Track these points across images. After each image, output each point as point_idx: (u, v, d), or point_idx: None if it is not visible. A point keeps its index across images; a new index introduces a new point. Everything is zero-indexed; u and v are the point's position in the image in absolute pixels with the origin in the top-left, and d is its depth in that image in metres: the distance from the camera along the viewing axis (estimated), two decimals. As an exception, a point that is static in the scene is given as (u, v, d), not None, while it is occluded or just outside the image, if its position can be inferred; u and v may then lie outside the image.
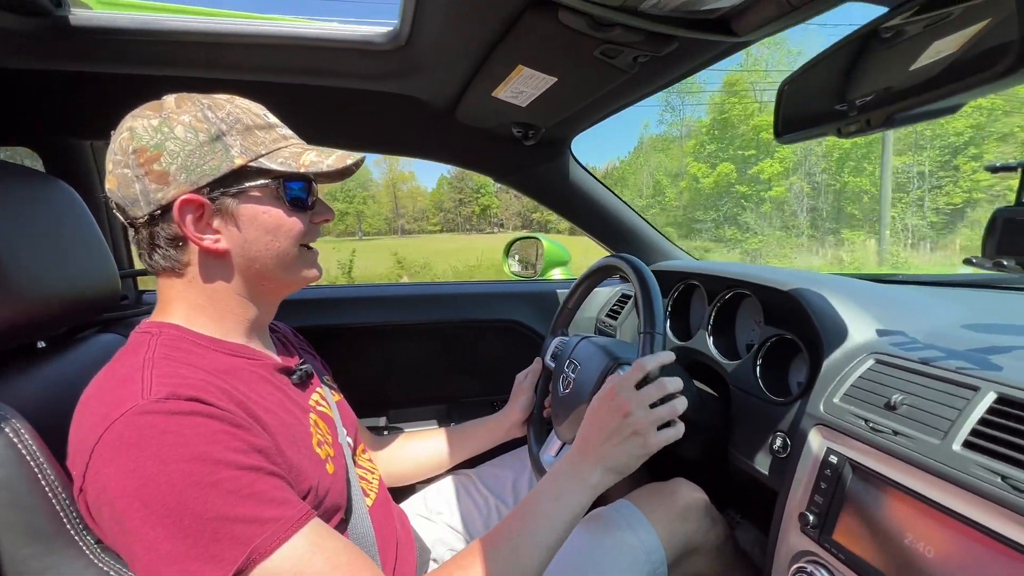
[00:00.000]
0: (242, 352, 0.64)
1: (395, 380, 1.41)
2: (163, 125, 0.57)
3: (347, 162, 0.63)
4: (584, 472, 0.65)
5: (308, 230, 0.66)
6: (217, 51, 0.89)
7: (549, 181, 1.32)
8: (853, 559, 0.62)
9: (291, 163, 0.61)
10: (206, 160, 0.57)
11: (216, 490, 0.47)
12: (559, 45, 0.70)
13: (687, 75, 0.89)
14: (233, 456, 0.49)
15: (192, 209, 0.58)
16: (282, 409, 0.62)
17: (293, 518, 0.50)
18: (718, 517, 0.92)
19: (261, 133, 0.61)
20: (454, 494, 1.03)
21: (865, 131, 0.52)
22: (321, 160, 0.62)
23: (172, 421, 0.48)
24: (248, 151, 0.59)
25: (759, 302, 0.94)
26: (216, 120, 0.58)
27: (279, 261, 0.64)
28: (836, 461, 0.67)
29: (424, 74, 0.93)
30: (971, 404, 0.57)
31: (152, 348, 0.56)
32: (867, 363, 0.71)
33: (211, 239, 0.60)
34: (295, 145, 0.64)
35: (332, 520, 0.63)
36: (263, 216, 0.61)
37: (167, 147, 0.56)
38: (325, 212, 0.68)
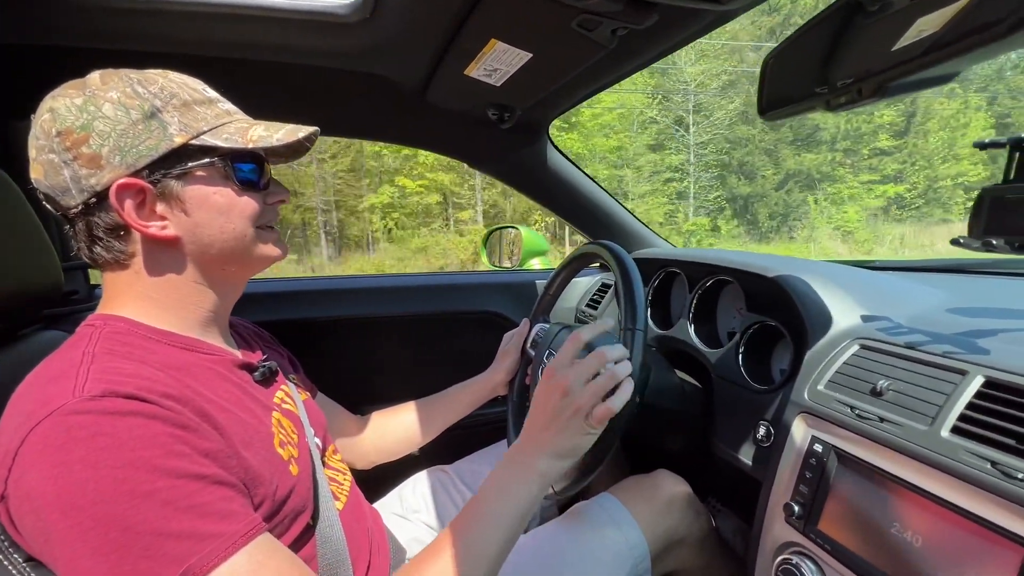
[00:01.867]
0: (198, 347, 0.59)
1: (370, 375, 1.36)
2: (88, 103, 0.51)
3: (298, 135, 0.58)
4: (528, 461, 0.60)
5: (263, 210, 0.61)
6: (160, 22, 0.81)
7: (527, 167, 1.28)
8: (840, 549, 0.60)
9: (237, 139, 0.55)
10: (141, 139, 0.52)
11: (150, 501, 0.42)
12: (534, 16, 0.66)
13: (668, 52, 0.86)
14: (174, 462, 0.44)
15: (131, 194, 0.52)
16: (240, 407, 0.57)
17: (236, 534, 0.45)
18: (701, 509, 0.91)
19: (201, 108, 0.56)
20: (430, 491, 0.99)
21: (856, 102, 0.49)
22: (269, 135, 0.57)
23: (106, 421, 0.43)
24: (188, 128, 0.54)
25: (741, 289, 0.93)
26: (148, 95, 0.53)
27: (237, 243, 0.59)
28: (821, 449, 0.65)
29: (391, 50, 0.88)
30: (959, 389, 0.55)
31: (93, 342, 0.51)
32: (852, 349, 0.69)
33: (157, 226, 0.54)
34: (240, 120, 0.59)
35: (297, 523, 0.59)
36: (213, 197, 0.56)
37: (95, 127, 0.51)
38: (280, 192, 0.63)
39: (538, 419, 0.62)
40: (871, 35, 0.55)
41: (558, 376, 0.61)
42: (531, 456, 0.61)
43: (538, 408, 0.63)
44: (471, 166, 1.30)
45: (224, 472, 0.48)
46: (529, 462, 0.60)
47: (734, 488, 1.02)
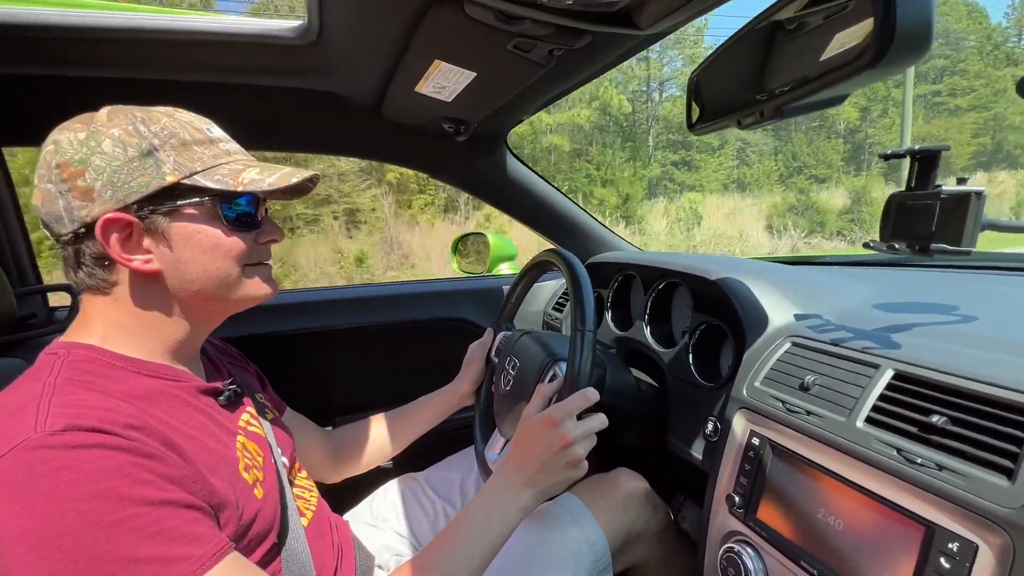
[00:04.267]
0: (162, 373, 0.60)
1: (339, 387, 1.37)
2: (90, 139, 0.53)
3: (291, 180, 0.59)
4: (516, 495, 0.66)
5: (252, 250, 0.62)
6: (112, 48, 0.82)
7: (486, 176, 1.30)
8: (775, 536, 0.64)
9: (228, 181, 0.57)
10: (134, 176, 0.54)
11: (118, 529, 0.43)
12: (471, 39, 0.69)
13: (610, 67, 0.89)
14: (140, 490, 0.45)
15: (118, 228, 0.54)
16: (204, 433, 0.58)
17: (205, 555, 0.47)
18: (659, 504, 0.94)
19: (200, 148, 0.57)
20: (400, 499, 1.01)
21: (760, 122, 0.53)
22: (262, 178, 0.58)
23: (69, 456, 0.44)
24: (182, 167, 0.55)
25: (689, 291, 0.97)
26: (149, 134, 0.55)
27: (220, 283, 0.60)
28: (758, 443, 0.69)
29: (341, 70, 0.89)
30: (872, 381, 0.60)
31: (55, 372, 0.52)
32: (784, 346, 0.74)
33: (140, 259, 0.56)
34: (238, 161, 0.60)
35: (264, 544, 0.60)
36: (198, 236, 0.58)
37: (92, 162, 0.53)
38: (272, 232, 0.64)
39: (530, 460, 0.68)
40: (794, 51, 0.59)
41: (563, 428, 0.67)
42: (521, 492, 0.67)
43: (532, 450, 0.68)
44: (431, 177, 1.32)
45: (190, 496, 0.49)
46: (517, 497, 0.67)
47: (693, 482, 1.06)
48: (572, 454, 0.67)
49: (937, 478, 0.49)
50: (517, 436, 0.71)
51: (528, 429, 0.70)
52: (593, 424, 0.69)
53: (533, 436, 0.68)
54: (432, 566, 0.61)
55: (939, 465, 0.49)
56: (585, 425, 0.68)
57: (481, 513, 0.66)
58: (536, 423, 0.69)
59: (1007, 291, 0.88)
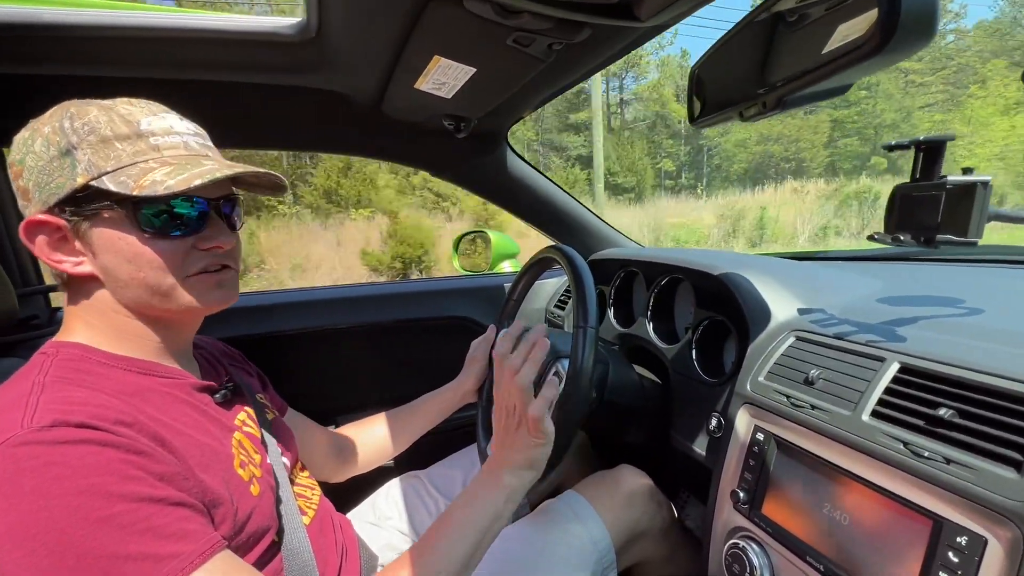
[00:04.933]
0: (155, 370, 0.59)
1: (341, 387, 1.37)
2: (30, 138, 0.53)
3: (194, 183, 0.51)
4: (495, 476, 0.66)
5: (186, 259, 0.56)
6: (112, 47, 0.82)
7: (487, 174, 1.30)
8: (780, 532, 0.63)
9: (129, 183, 0.51)
10: (53, 177, 0.52)
11: (107, 526, 0.43)
12: (470, 34, 0.68)
13: (610, 61, 0.89)
14: (130, 487, 0.45)
15: (47, 231, 0.53)
16: (197, 430, 0.58)
17: (195, 553, 0.46)
18: (663, 501, 0.94)
19: (121, 144, 0.52)
20: (402, 498, 1.01)
21: (763, 114, 0.53)
22: (163, 180, 0.51)
23: (57, 452, 0.43)
24: (92, 168, 0.51)
25: (691, 287, 0.96)
26: (70, 131, 0.52)
27: (153, 292, 0.56)
28: (762, 438, 0.68)
29: (341, 67, 0.89)
30: (878, 375, 0.59)
31: (45, 371, 0.51)
32: (788, 341, 0.73)
33: (71, 262, 0.54)
34: (157, 160, 0.54)
35: (262, 542, 0.60)
36: (118, 243, 0.53)
37: (27, 162, 0.52)
38: (214, 237, 0.58)
39: (497, 439, 0.68)
40: (796, 43, 0.59)
41: (503, 395, 0.66)
42: (496, 471, 0.66)
43: (496, 428, 0.68)
44: (432, 174, 1.31)
45: (181, 493, 0.49)
46: (495, 475, 0.66)
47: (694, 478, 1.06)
48: (524, 419, 0.63)
49: (944, 471, 0.48)
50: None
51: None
52: (522, 380, 0.64)
53: (495, 425, 0.69)
54: (424, 558, 0.59)
55: (946, 458, 0.49)
56: (518, 383, 0.64)
57: (465, 498, 0.65)
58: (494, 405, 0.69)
59: (1013, 284, 0.87)
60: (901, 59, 0.40)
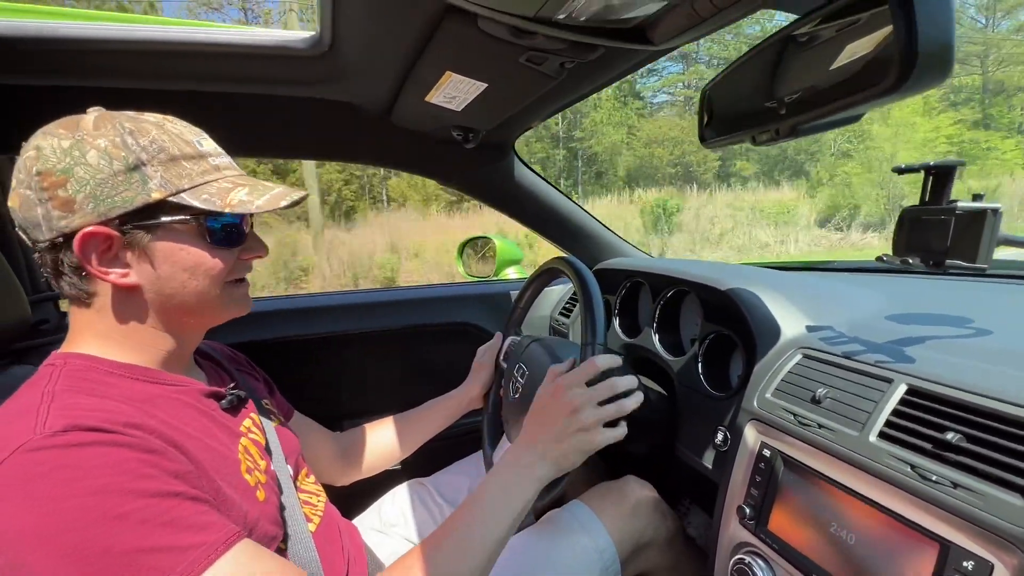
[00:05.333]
0: (162, 379, 0.60)
1: (346, 392, 1.38)
2: (74, 148, 0.52)
3: (281, 204, 0.58)
4: (529, 464, 0.65)
5: (234, 268, 0.62)
6: (130, 59, 0.83)
7: (494, 183, 1.30)
8: (786, 549, 0.64)
9: (216, 201, 0.56)
10: (119, 191, 0.52)
11: (125, 522, 0.43)
12: (483, 52, 0.69)
13: (620, 77, 0.89)
14: (144, 484, 0.45)
15: (98, 242, 0.53)
16: (207, 435, 0.59)
17: (218, 542, 0.47)
18: (668, 512, 0.94)
19: (188, 164, 0.56)
20: (409, 505, 1.02)
21: (775, 140, 0.53)
22: (251, 200, 0.57)
23: (69, 455, 0.44)
24: (169, 184, 0.54)
25: (698, 299, 0.97)
26: (137, 148, 0.53)
27: (199, 299, 0.60)
28: (769, 455, 0.69)
29: (353, 80, 0.90)
30: (885, 396, 0.60)
31: (54, 380, 0.52)
32: (795, 358, 0.73)
33: (118, 273, 0.55)
34: (227, 179, 0.59)
35: (269, 547, 0.61)
36: (180, 254, 0.57)
37: (76, 173, 0.52)
38: (257, 248, 0.64)
39: (540, 429, 0.67)
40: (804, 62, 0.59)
41: (570, 394, 0.66)
42: (533, 461, 0.66)
43: (541, 418, 0.68)
44: (439, 183, 1.32)
45: (195, 490, 0.50)
46: (531, 465, 0.65)
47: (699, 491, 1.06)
48: (580, 420, 0.65)
49: (952, 495, 0.49)
50: (530, 413, 0.70)
51: (538, 402, 0.70)
52: (600, 391, 0.67)
53: (543, 407, 0.68)
54: (452, 540, 0.60)
55: (953, 483, 0.49)
56: (593, 391, 0.66)
57: (496, 488, 0.64)
58: (545, 394, 0.69)
59: (1021, 301, 0.87)
60: (916, 94, 0.41)
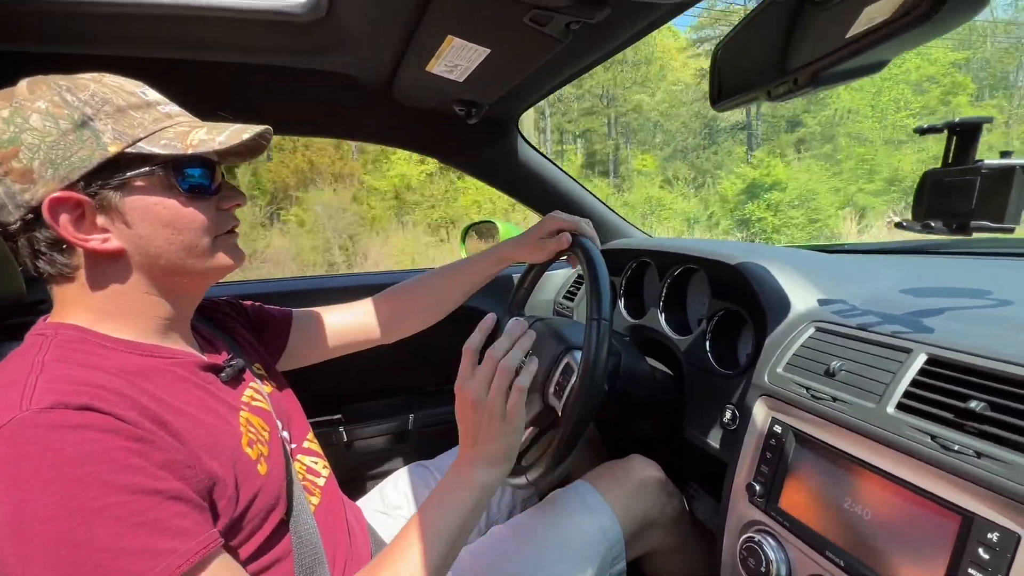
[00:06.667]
0: (157, 352, 0.57)
1: (347, 375, 1.36)
2: (15, 115, 0.49)
3: (242, 137, 0.54)
4: (465, 474, 0.61)
5: (217, 219, 0.59)
6: (116, 24, 0.80)
7: (497, 161, 1.28)
8: (798, 526, 0.62)
9: (176, 144, 0.52)
10: (73, 151, 0.50)
11: (102, 517, 0.42)
12: (486, 12, 0.66)
13: (627, 44, 0.86)
14: (127, 478, 0.44)
15: (68, 208, 0.51)
16: (204, 410, 0.57)
17: (191, 551, 0.45)
18: (674, 491, 0.93)
19: (138, 113, 0.53)
20: (411, 487, 1.00)
21: (793, 92, 0.50)
22: (212, 137, 0.53)
23: (55, 436, 0.42)
24: (123, 136, 0.51)
25: (707, 277, 0.94)
26: (78, 103, 0.51)
27: (188, 254, 0.57)
28: (780, 431, 0.67)
29: (351, 48, 0.87)
30: (904, 366, 0.57)
31: (44, 351, 0.50)
32: (808, 331, 0.71)
33: (98, 239, 0.52)
34: (182, 124, 0.56)
35: (270, 520, 0.59)
36: (156, 208, 0.54)
37: (24, 140, 0.49)
38: (234, 196, 0.61)
39: (464, 437, 0.62)
40: (821, 24, 0.57)
41: (463, 392, 0.60)
42: (466, 470, 0.61)
43: (461, 427, 0.62)
44: (440, 161, 1.30)
45: (181, 484, 0.48)
46: (465, 475, 0.61)
47: (707, 471, 1.04)
48: (487, 408, 0.59)
49: (975, 465, 0.47)
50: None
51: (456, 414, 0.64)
52: (483, 372, 0.60)
53: (458, 416, 0.62)
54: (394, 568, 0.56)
55: (977, 452, 0.47)
56: (478, 375, 0.59)
57: (435, 500, 0.61)
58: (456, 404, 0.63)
59: None
60: (948, 30, 0.38)
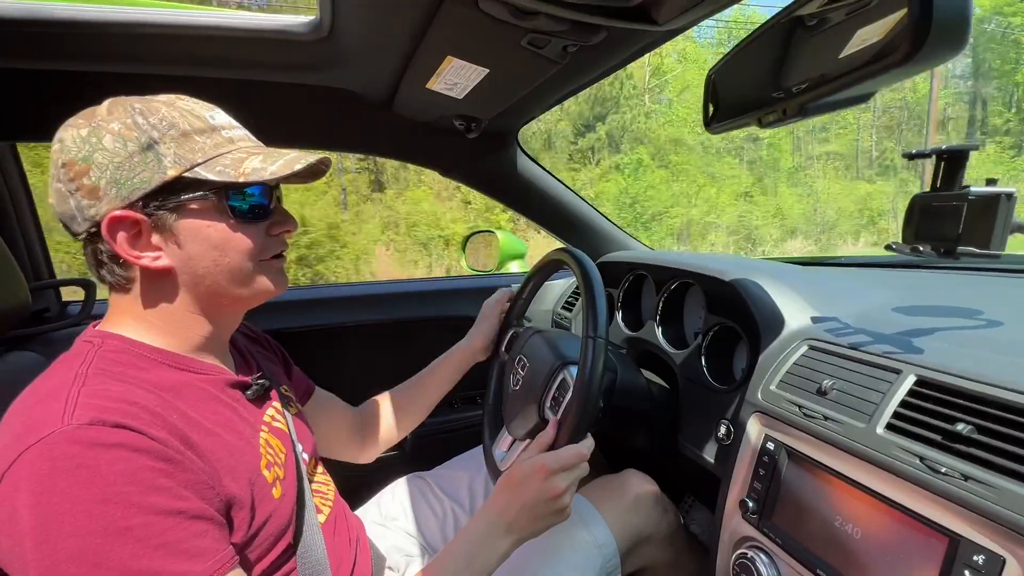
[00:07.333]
0: (192, 366, 0.60)
1: (349, 383, 1.36)
2: (92, 135, 0.52)
3: (295, 167, 0.56)
4: (498, 540, 0.65)
5: (264, 244, 0.60)
6: (125, 44, 0.82)
7: (496, 174, 1.29)
8: (790, 543, 0.63)
9: (230, 171, 0.55)
10: (136, 172, 0.53)
11: (124, 538, 0.43)
12: (484, 35, 0.68)
13: (626, 62, 0.88)
14: (152, 498, 0.46)
15: (126, 226, 0.54)
16: (227, 429, 0.58)
17: (205, 572, 0.47)
18: (669, 506, 0.93)
19: (201, 138, 0.55)
20: (408, 499, 1.01)
21: (783, 121, 0.52)
22: (265, 166, 0.55)
23: (90, 454, 0.44)
24: (182, 160, 0.54)
25: (702, 292, 0.95)
26: (147, 127, 0.53)
27: (232, 278, 0.59)
28: (773, 448, 0.68)
29: (353, 66, 0.89)
30: (893, 387, 0.58)
31: (88, 361, 0.52)
32: (801, 350, 0.72)
33: (150, 257, 0.55)
34: (241, 150, 0.58)
35: (280, 543, 0.60)
36: (207, 231, 0.56)
37: (95, 159, 0.52)
38: (285, 222, 0.62)
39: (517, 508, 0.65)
40: (812, 50, 0.58)
41: (555, 480, 0.65)
42: (504, 535, 0.65)
43: (519, 498, 0.65)
44: (441, 174, 1.31)
45: (202, 504, 0.49)
46: (499, 541, 0.65)
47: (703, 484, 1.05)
48: (561, 503, 0.66)
49: (962, 488, 0.48)
50: (507, 479, 0.69)
51: (520, 474, 0.67)
52: (580, 473, 0.68)
53: (524, 483, 0.66)
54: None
55: (964, 475, 0.48)
56: (575, 474, 0.67)
57: (462, 558, 0.64)
58: (528, 470, 0.66)
59: None
60: (929, 68, 0.39)
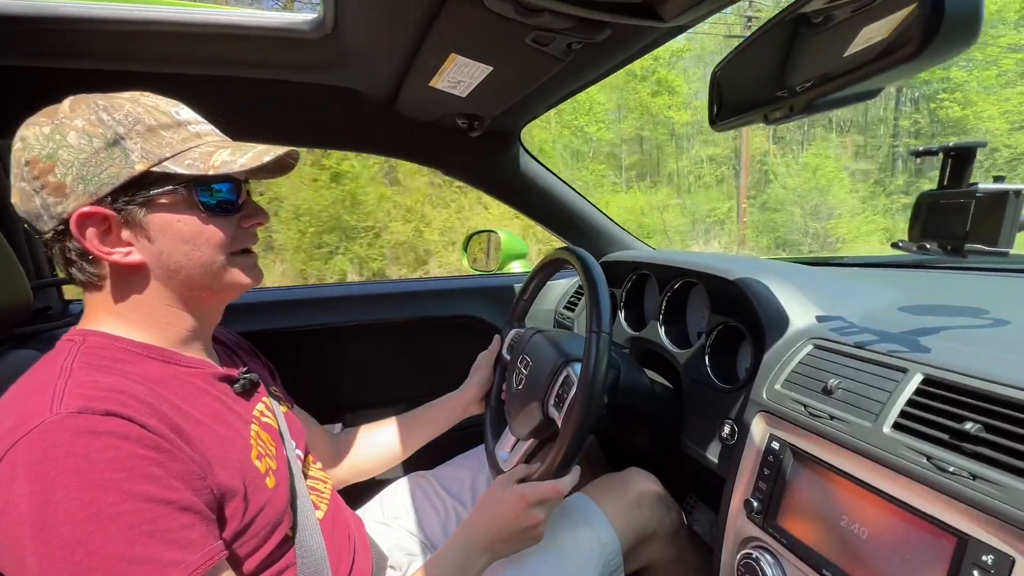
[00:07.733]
0: (178, 360, 0.60)
1: (349, 384, 1.37)
2: (55, 132, 0.52)
3: (264, 159, 0.56)
4: (472, 560, 0.70)
5: (235, 236, 0.61)
6: (128, 41, 0.82)
7: (499, 173, 1.29)
8: (795, 543, 0.62)
9: (199, 164, 0.55)
10: (103, 168, 0.52)
11: (116, 524, 0.43)
12: (488, 32, 0.67)
13: (629, 60, 0.87)
14: (143, 487, 0.46)
15: (95, 222, 0.54)
16: (218, 421, 0.58)
17: (194, 563, 0.47)
18: (672, 505, 0.93)
19: (168, 133, 0.56)
20: (410, 498, 1.01)
21: (790, 117, 0.51)
22: (234, 159, 0.56)
23: (80, 442, 0.44)
24: (150, 155, 0.54)
25: (706, 291, 0.95)
26: (112, 123, 0.53)
27: (204, 271, 0.59)
28: (778, 447, 0.67)
29: (356, 65, 0.88)
30: (900, 386, 0.58)
31: (72, 356, 0.52)
32: (806, 348, 0.72)
33: (121, 252, 0.55)
34: (208, 144, 0.58)
35: (276, 535, 0.60)
36: (177, 225, 0.56)
37: (60, 156, 0.52)
38: (256, 215, 0.63)
39: (493, 531, 0.72)
40: (818, 46, 0.58)
41: (533, 512, 0.72)
42: (478, 555, 0.71)
43: (496, 522, 0.72)
44: (443, 173, 1.31)
45: (191, 495, 0.49)
46: (473, 561, 0.70)
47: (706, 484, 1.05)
48: (537, 532, 0.72)
49: (970, 487, 0.47)
50: (487, 499, 0.74)
51: (500, 498, 0.73)
52: (556, 505, 0.75)
53: (504, 507, 0.71)
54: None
55: (972, 474, 0.48)
56: (551, 506, 0.74)
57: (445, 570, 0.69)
58: (510, 496, 0.72)
59: None
60: (939, 63, 0.39)
